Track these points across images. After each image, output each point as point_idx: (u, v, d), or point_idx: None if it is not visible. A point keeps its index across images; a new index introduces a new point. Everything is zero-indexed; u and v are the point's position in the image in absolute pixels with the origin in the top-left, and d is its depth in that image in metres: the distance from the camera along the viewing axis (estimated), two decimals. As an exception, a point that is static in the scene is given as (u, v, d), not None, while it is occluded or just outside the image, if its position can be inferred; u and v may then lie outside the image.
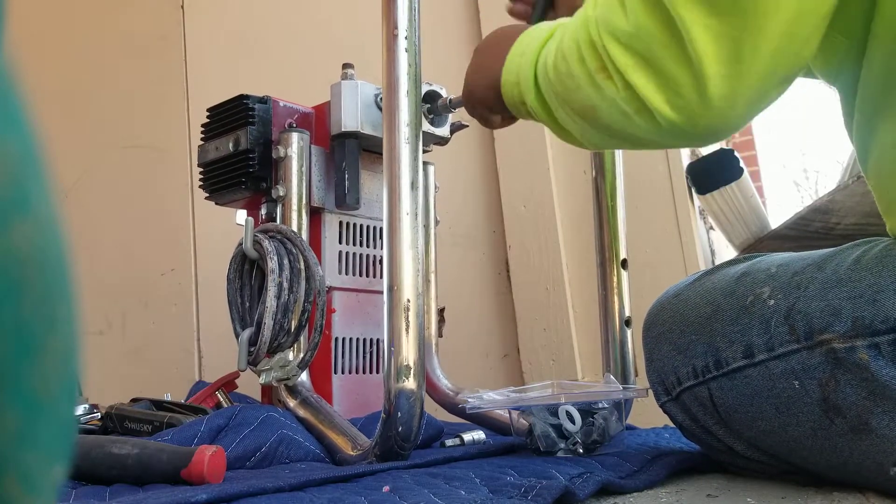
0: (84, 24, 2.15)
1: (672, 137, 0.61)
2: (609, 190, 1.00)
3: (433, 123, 1.10)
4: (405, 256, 0.76)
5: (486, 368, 1.45)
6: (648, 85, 0.58)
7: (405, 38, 0.79)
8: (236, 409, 0.88)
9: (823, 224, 1.18)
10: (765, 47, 0.54)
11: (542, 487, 0.57)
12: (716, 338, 0.68)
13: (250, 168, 1.04)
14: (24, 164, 0.17)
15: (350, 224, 1.12)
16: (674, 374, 0.73)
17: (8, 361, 0.16)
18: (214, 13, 1.94)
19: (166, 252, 1.88)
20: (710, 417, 0.70)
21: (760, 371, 0.64)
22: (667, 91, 0.58)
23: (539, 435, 0.82)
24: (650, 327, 0.77)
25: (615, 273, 0.99)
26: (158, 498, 0.57)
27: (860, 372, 0.57)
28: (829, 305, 0.59)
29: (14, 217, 0.17)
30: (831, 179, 4.11)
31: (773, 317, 0.63)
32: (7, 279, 0.16)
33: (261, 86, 1.24)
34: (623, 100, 0.60)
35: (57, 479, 0.19)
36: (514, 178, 1.44)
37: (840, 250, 0.63)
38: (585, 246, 1.32)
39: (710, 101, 0.56)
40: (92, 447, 0.72)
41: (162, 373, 1.81)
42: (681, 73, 0.56)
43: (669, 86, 0.57)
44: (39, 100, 0.21)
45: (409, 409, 0.75)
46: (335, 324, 1.08)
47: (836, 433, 0.60)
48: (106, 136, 2.05)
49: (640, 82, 0.58)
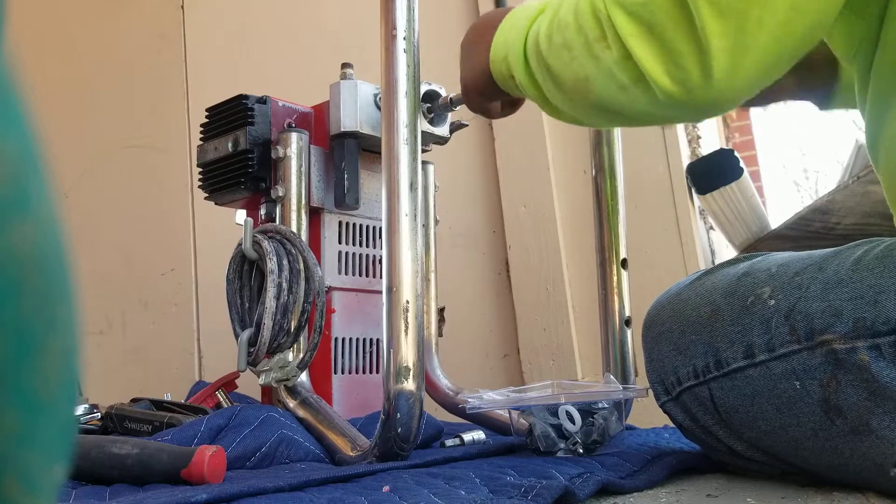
0: (84, 24, 2.15)
1: (667, 109, 0.60)
2: (609, 190, 1.00)
3: (433, 123, 1.10)
4: (404, 257, 0.76)
5: (486, 368, 1.45)
6: (649, 55, 0.57)
7: (404, 38, 0.79)
8: (236, 409, 0.88)
9: (823, 224, 1.18)
10: (770, 20, 0.53)
11: (542, 487, 0.57)
12: (716, 338, 0.68)
13: (249, 168, 1.04)
14: (24, 164, 0.17)
15: (349, 224, 1.12)
16: (674, 373, 0.72)
17: (8, 361, 0.16)
18: (214, 13, 1.94)
19: (166, 252, 1.88)
20: (711, 417, 0.70)
21: (761, 371, 0.64)
22: (667, 62, 0.57)
23: (539, 435, 0.82)
24: (650, 327, 0.77)
25: (615, 273, 0.99)
26: (158, 498, 0.57)
27: (861, 373, 0.57)
28: (830, 306, 0.59)
29: (14, 217, 0.17)
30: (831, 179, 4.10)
31: (774, 317, 0.63)
32: (7, 279, 0.16)
33: (260, 86, 1.24)
34: (620, 69, 0.59)
35: (57, 479, 0.19)
36: (514, 178, 1.44)
37: (841, 250, 0.63)
38: (585, 246, 1.32)
39: (711, 74, 0.55)
40: (92, 447, 0.72)
41: (162, 373, 1.81)
42: (684, 43, 0.56)
43: (671, 57, 0.57)
44: (39, 100, 0.21)
45: (409, 410, 0.75)
46: (335, 324, 1.08)
47: (836, 434, 0.60)
48: (106, 136, 2.05)
49: (640, 51, 0.58)
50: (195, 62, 1.94)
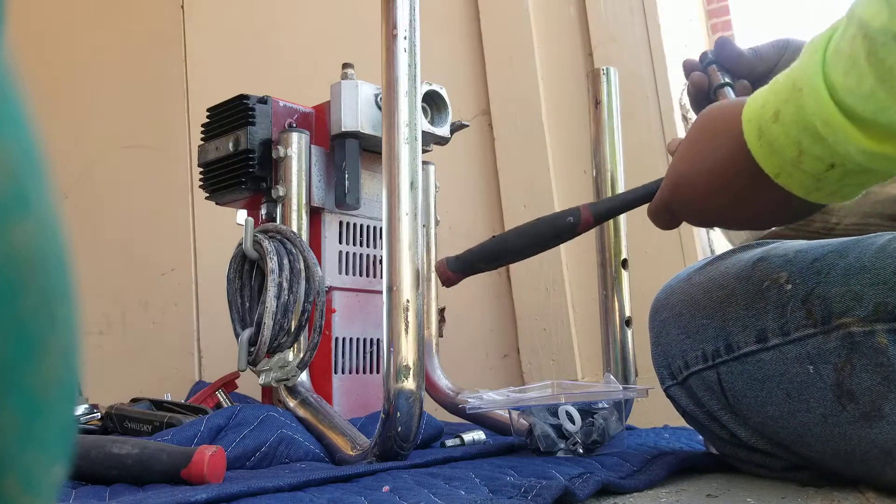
0: (84, 24, 2.15)
1: None
2: (609, 190, 1.00)
3: (433, 123, 1.10)
4: (405, 256, 0.76)
5: (486, 368, 1.45)
6: None
7: (404, 38, 0.79)
8: (236, 409, 0.88)
9: (823, 224, 1.18)
10: None
11: (542, 487, 0.57)
12: (728, 321, 0.67)
13: (250, 168, 1.04)
14: (24, 164, 0.17)
15: (350, 224, 1.12)
16: (681, 357, 0.72)
17: (8, 361, 0.16)
18: (214, 13, 1.94)
19: (166, 252, 1.88)
20: (717, 402, 0.70)
21: (773, 355, 0.63)
22: None
23: (539, 435, 0.82)
24: (658, 311, 0.76)
25: (615, 273, 0.99)
26: (158, 498, 0.57)
27: (877, 356, 0.57)
28: (850, 291, 0.58)
29: (14, 217, 0.17)
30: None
31: (790, 301, 0.62)
32: (7, 279, 0.16)
33: (261, 86, 1.24)
34: None
35: (57, 479, 0.19)
36: (514, 178, 1.44)
37: (862, 238, 0.62)
38: (585, 246, 1.32)
39: None
40: (92, 447, 0.72)
41: (162, 373, 1.82)
42: None
43: None
44: (40, 100, 0.21)
45: (409, 410, 0.75)
46: (335, 324, 1.08)
47: (846, 420, 0.60)
48: (106, 136, 2.05)
49: None
50: (195, 62, 1.94)
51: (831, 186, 0.49)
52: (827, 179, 0.49)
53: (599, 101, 1.02)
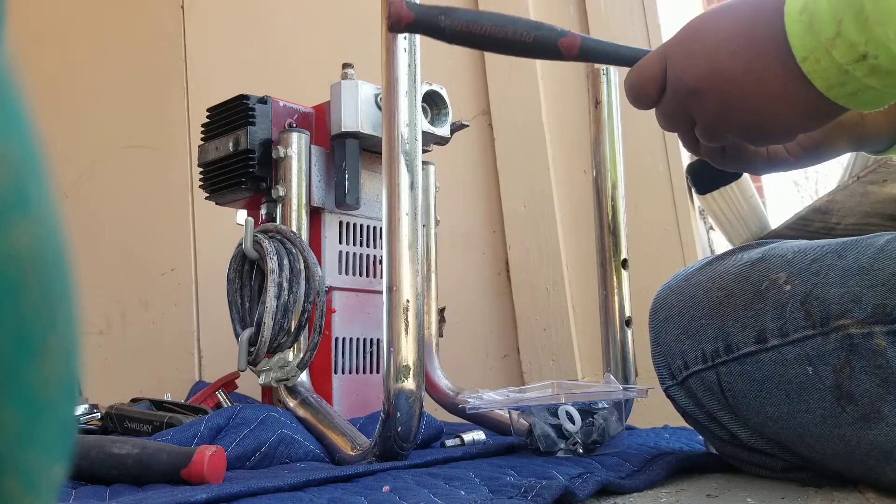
0: (84, 23, 2.15)
1: None
2: (609, 190, 1.00)
3: (433, 123, 1.10)
4: (405, 256, 0.76)
5: (486, 368, 1.45)
6: None
7: (404, 38, 0.79)
8: (236, 409, 0.88)
9: (823, 224, 1.18)
10: None
11: (542, 487, 0.57)
12: (728, 322, 0.67)
13: (250, 168, 1.04)
14: (24, 164, 0.17)
15: (350, 224, 1.12)
16: (681, 357, 0.72)
17: (8, 361, 0.16)
18: (214, 13, 1.94)
19: (166, 252, 1.88)
20: (717, 403, 0.70)
21: (773, 356, 0.63)
22: None
23: (539, 435, 0.82)
24: (658, 310, 0.76)
25: (615, 273, 0.99)
26: (158, 498, 0.57)
27: (875, 359, 0.57)
28: (848, 292, 0.58)
29: (14, 217, 0.17)
30: (831, 179, 4.09)
31: (789, 302, 0.62)
32: (7, 279, 0.16)
33: (261, 86, 1.24)
34: None
35: (57, 479, 0.19)
36: (514, 178, 1.44)
37: (861, 239, 0.62)
38: (585, 246, 1.32)
39: None
40: (92, 447, 0.72)
41: (162, 373, 1.81)
42: None
43: None
44: (40, 100, 0.21)
45: (409, 410, 0.75)
46: (335, 324, 1.08)
47: (845, 421, 0.60)
48: (106, 136, 2.05)
49: None
50: (195, 62, 1.94)
51: (853, 84, 0.48)
52: (852, 74, 0.47)
53: (599, 101, 1.02)
